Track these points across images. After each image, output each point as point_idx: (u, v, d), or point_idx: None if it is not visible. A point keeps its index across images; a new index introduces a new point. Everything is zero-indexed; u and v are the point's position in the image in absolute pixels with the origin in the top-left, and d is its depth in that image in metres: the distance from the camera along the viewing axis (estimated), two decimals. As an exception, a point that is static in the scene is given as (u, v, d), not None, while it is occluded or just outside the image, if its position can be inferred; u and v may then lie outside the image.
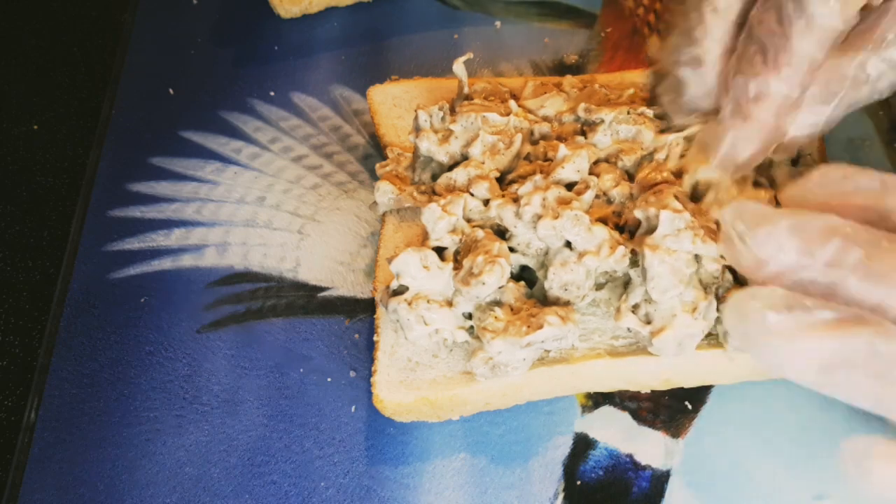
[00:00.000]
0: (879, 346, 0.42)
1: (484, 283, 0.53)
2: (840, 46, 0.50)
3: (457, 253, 0.57)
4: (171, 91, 0.78)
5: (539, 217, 0.55)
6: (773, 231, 0.46)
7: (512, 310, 0.54)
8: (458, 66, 0.67)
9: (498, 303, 0.54)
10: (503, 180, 0.61)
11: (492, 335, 0.52)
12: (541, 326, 0.52)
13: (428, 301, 0.54)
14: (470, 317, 0.55)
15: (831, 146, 0.67)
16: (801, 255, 0.45)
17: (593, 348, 0.55)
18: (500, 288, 0.54)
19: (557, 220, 0.54)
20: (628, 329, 0.54)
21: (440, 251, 0.56)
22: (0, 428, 0.61)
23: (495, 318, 0.53)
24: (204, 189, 0.72)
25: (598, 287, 0.56)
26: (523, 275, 0.57)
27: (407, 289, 0.55)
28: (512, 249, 0.56)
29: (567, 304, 0.54)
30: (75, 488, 0.57)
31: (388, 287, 0.56)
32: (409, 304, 0.54)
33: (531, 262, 0.57)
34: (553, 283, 0.54)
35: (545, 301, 0.55)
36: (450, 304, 0.54)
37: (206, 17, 0.85)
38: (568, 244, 0.55)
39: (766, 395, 0.57)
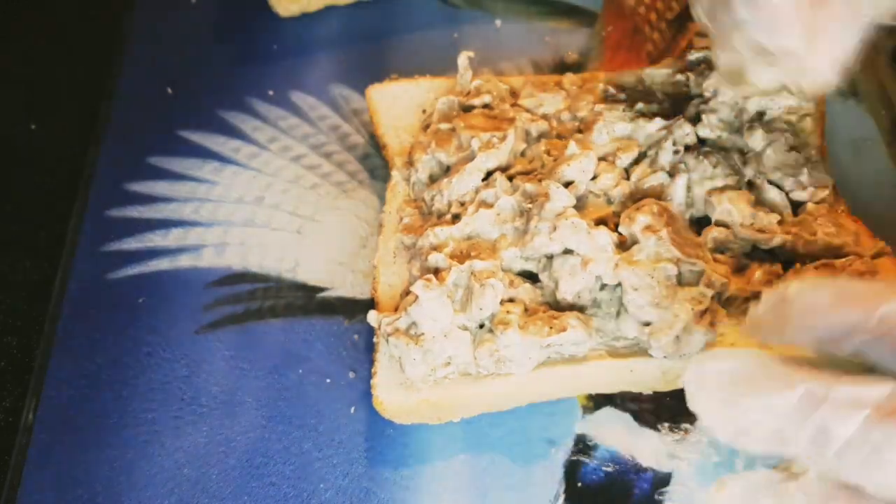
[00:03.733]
0: None
1: (481, 309, 0.53)
2: None
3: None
4: (169, 90, 0.78)
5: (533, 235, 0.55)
6: (743, 408, 0.40)
7: (526, 310, 0.54)
8: (462, 58, 0.67)
9: (512, 300, 0.54)
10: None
11: (505, 327, 0.52)
12: (564, 329, 0.52)
13: (440, 336, 0.54)
14: (481, 326, 0.55)
15: (833, 146, 0.67)
16: (781, 432, 0.39)
17: (594, 349, 0.54)
18: (512, 287, 0.54)
19: (555, 232, 0.54)
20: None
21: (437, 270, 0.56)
22: (-3, 429, 0.61)
23: (508, 311, 0.53)
24: (202, 189, 0.71)
25: (600, 287, 0.55)
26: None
27: (416, 325, 0.54)
28: None
29: (581, 309, 0.54)
30: (73, 489, 0.57)
31: (392, 321, 0.55)
32: (416, 341, 0.53)
33: (533, 266, 0.56)
34: (566, 294, 0.54)
35: (556, 305, 0.55)
36: (465, 328, 0.54)
37: (204, 16, 0.84)
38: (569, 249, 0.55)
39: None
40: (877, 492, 0.37)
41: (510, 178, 0.59)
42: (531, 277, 0.57)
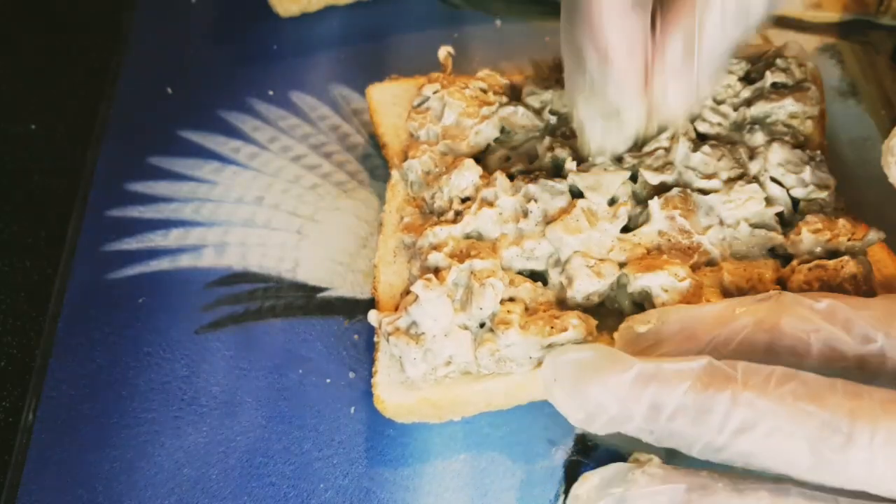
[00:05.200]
0: None
1: (481, 308, 0.53)
2: None
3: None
4: (169, 90, 0.78)
5: (547, 221, 0.55)
6: (588, 392, 0.46)
7: (527, 309, 0.54)
8: (443, 50, 0.67)
9: (513, 300, 0.54)
10: (481, 160, 0.62)
11: (506, 326, 0.52)
12: (565, 329, 0.52)
13: (440, 336, 0.54)
14: (481, 325, 0.55)
15: (833, 146, 0.67)
16: (621, 409, 0.46)
17: (595, 349, 0.54)
18: (512, 286, 0.54)
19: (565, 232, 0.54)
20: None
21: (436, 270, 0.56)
22: (-3, 429, 0.61)
23: (508, 311, 0.53)
24: (202, 189, 0.71)
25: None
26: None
27: (416, 325, 0.54)
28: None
29: (585, 308, 0.54)
30: (73, 490, 0.57)
31: (392, 321, 0.55)
32: (417, 340, 0.53)
33: (534, 265, 0.56)
34: (577, 294, 0.54)
35: (562, 304, 0.55)
36: (465, 327, 0.54)
37: (204, 15, 0.84)
38: None
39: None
40: (701, 452, 0.45)
41: (510, 177, 0.60)
42: (531, 276, 0.57)
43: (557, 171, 0.60)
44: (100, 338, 0.63)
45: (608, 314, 0.55)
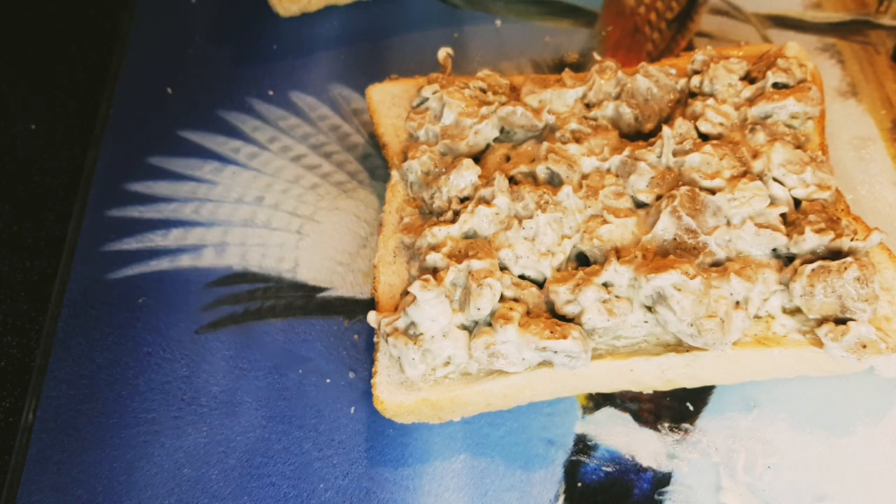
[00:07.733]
0: None
1: (479, 309, 0.53)
2: None
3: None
4: (169, 90, 0.78)
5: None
6: None
7: (528, 312, 0.54)
8: (442, 51, 0.67)
9: (517, 300, 0.54)
10: (479, 159, 0.62)
11: (505, 321, 0.52)
12: (565, 336, 0.52)
13: (439, 336, 0.54)
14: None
15: (834, 145, 0.67)
16: None
17: (595, 349, 0.54)
18: (518, 288, 0.55)
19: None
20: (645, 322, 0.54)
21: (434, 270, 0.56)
22: (-3, 429, 0.61)
23: (510, 308, 0.53)
24: (202, 189, 0.71)
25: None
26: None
27: (415, 325, 0.54)
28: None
29: (579, 323, 0.54)
30: (73, 490, 0.57)
31: (391, 321, 0.55)
32: (415, 341, 0.53)
33: (537, 276, 0.56)
34: (574, 308, 0.54)
35: (554, 314, 0.55)
36: (464, 328, 0.54)
37: (204, 16, 0.84)
38: None
39: (766, 396, 0.57)
40: None
41: (510, 179, 0.60)
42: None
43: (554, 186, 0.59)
44: (100, 338, 0.63)
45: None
